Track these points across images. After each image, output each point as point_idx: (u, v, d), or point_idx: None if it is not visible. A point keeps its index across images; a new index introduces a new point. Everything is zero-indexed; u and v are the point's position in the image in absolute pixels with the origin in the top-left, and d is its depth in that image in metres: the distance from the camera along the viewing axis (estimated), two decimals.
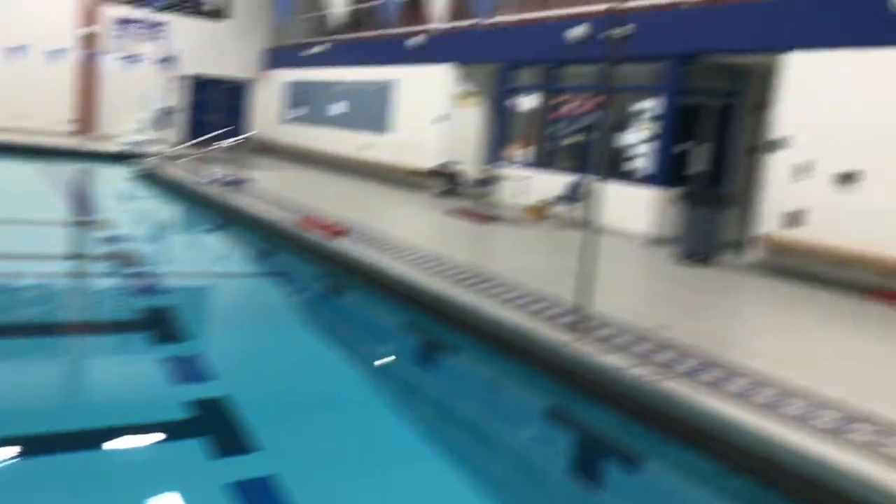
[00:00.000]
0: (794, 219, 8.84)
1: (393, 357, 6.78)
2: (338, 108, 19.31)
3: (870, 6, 8.26)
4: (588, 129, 12.54)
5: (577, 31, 11.92)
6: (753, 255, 9.42)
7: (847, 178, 8.37)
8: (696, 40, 10.45)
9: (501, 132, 14.49)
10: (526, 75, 14.01)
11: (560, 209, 12.01)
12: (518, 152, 14.06)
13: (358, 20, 19.10)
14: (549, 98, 13.49)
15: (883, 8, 8.07)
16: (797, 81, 8.95)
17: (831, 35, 8.68)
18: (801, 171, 8.80)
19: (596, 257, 5.94)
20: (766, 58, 9.58)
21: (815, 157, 8.68)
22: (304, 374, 5.85)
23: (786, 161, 9.00)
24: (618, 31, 7.52)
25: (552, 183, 12.38)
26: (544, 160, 13.42)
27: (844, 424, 4.37)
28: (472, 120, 15.51)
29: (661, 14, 11.17)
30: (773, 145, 9.18)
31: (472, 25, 14.03)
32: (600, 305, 6.14)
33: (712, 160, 11.54)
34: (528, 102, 14.04)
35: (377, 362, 6.58)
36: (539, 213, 12.33)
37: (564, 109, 13.21)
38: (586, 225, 5.99)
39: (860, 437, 4.21)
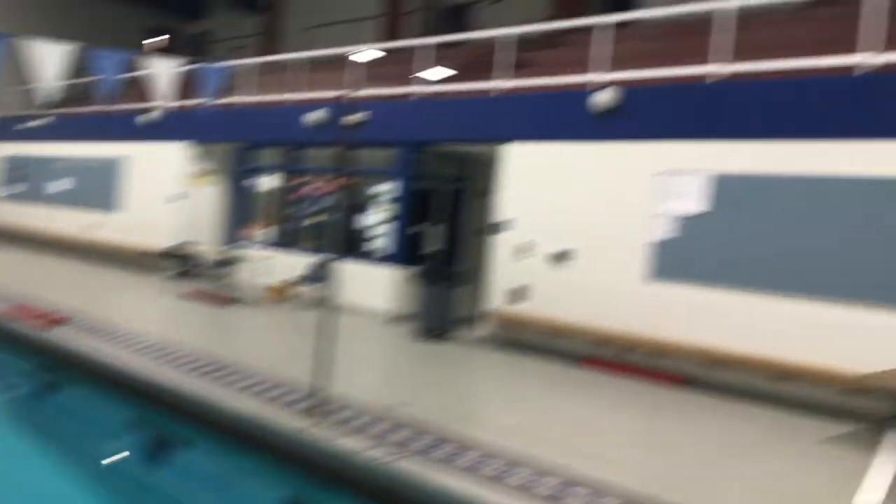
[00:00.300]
0: (518, 294, 9.54)
1: (120, 456, 6.26)
2: (62, 186, 17.91)
3: (573, 106, 9.31)
4: (329, 210, 12.72)
5: (316, 116, 12.17)
6: (485, 329, 9.99)
7: (561, 257, 9.23)
8: (426, 129, 11.10)
9: (242, 212, 14.25)
10: (266, 155, 13.98)
11: (303, 289, 11.97)
12: (259, 232, 13.88)
13: (79, 94, 18.01)
14: (291, 179, 13.55)
15: (584, 108, 9.13)
16: (516, 169, 9.80)
17: (543, 129, 9.64)
18: (523, 250, 9.56)
19: (335, 337, 5.97)
20: (488, 147, 10.40)
21: (534, 237, 9.48)
22: (11, 484, 5.21)
23: (509, 241, 9.73)
24: (352, 118, 7.81)
25: (295, 263, 12.33)
26: (286, 240, 13.37)
27: (563, 489, 4.70)
28: (210, 199, 15.12)
29: (393, 104, 11.76)
30: (498, 227, 9.90)
31: (198, 105, 13.73)
32: (339, 387, 6.15)
33: (446, 240, 12.19)
34: (268, 182, 13.98)
35: (103, 462, 6.03)
36: (281, 293, 12.19)
37: (306, 190, 13.32)
38: (326, 305, 6.02)
39: (576, 500, 4.55)
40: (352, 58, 12.94)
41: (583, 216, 9.09)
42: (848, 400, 6.98)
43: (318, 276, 11.72)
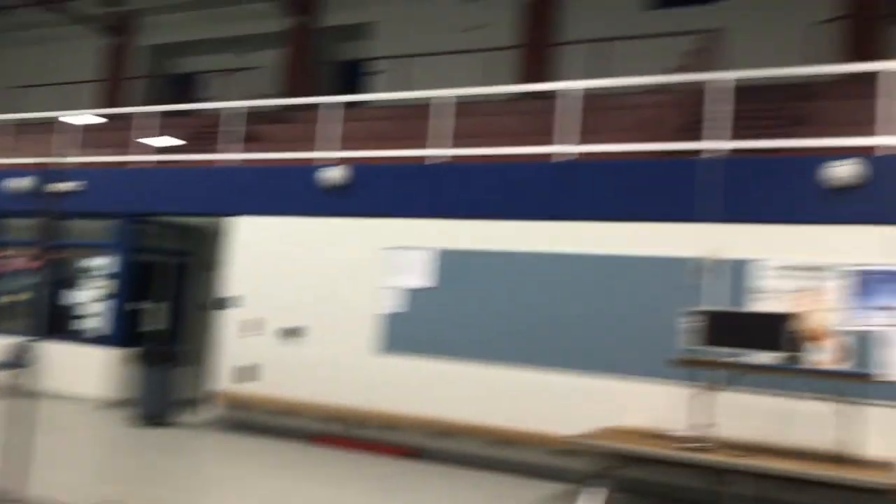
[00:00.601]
0: (247, 373, 9.22)
1: None
2: None
3: (303, 181, 9.36)
4: (33, 286, 11.51)
5: (21, 183, 11.08)
6: (212, 411, 9.49)
7: (291, 333, 9.09)
8: (148, 200, 10.55)
9: None
10: None
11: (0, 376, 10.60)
12: None
13: None
14: None
15: (314, 183, 9.21)
16: (244, 243, 9.58)
17: (272, 203, 9.56)
18: (252, 327, 9.30)
19: (36, 429, 5.31)
20: (216, 220, 10.08)
21: (263, 314, 9.26)
22: None
23: (238, 318, 9.42)
24: (61, 186, 7.19)
25: None
26: None
27: None
28: None
29: (112, 172, 11.08)
30: (226, 303, 9.56)
31: None
32: (38, 486, 5.46)
33: (170, 318, 11.52)
34: None
35: None
36: None
37: (7, 265, 11.98)
38: (27, 392, 5.36)
39: None
40: (65, 121, 12.02)
41: (313, 291, 9.06)
42: (560, 461, 7.50)
43: (17, 360, 10.47)
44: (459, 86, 9.38)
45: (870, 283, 6.70)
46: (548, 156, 8.41)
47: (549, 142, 8.46)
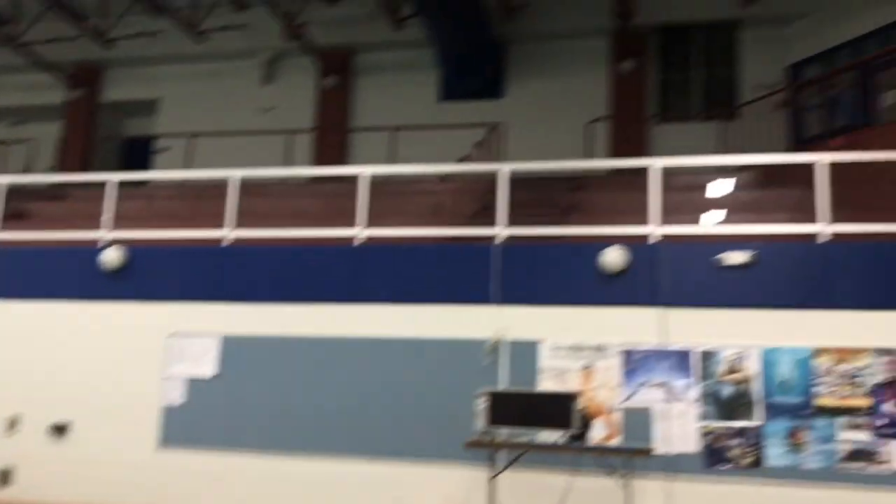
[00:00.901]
0: (3, 477, 8.19)
1: None
2: None
3: (77, 263, 8.65)
4: None
5: None
6: None
7: (58, 430, 8.22)
8: None
9: None
10: None
11: None
12: None
13: None
14: None
15: (91, 265, 8.53)
16: (3, 331, 8.64)
17: (40, 286, 8.73)
18: (10, 425, 8.32)
19: None
20: None
21: (24, 409, 8.33)
22: None
23: None
24: None
25: None
26: None
27: None
28: None
29: None
30: None
31: None
32: None
33: None
34: None
35: None
36: None
37: None
38: None
39: None
40: None
41: (86, 382, 8.29)
42: None
43: None
44: (257, 166, 9.18)
45: (644, 362, 7.15)
46: (344, 239, 8.35)
47: (345, 225, 8.41)
